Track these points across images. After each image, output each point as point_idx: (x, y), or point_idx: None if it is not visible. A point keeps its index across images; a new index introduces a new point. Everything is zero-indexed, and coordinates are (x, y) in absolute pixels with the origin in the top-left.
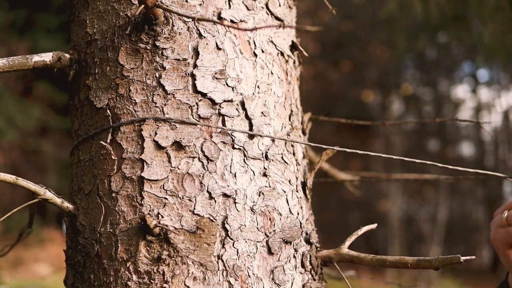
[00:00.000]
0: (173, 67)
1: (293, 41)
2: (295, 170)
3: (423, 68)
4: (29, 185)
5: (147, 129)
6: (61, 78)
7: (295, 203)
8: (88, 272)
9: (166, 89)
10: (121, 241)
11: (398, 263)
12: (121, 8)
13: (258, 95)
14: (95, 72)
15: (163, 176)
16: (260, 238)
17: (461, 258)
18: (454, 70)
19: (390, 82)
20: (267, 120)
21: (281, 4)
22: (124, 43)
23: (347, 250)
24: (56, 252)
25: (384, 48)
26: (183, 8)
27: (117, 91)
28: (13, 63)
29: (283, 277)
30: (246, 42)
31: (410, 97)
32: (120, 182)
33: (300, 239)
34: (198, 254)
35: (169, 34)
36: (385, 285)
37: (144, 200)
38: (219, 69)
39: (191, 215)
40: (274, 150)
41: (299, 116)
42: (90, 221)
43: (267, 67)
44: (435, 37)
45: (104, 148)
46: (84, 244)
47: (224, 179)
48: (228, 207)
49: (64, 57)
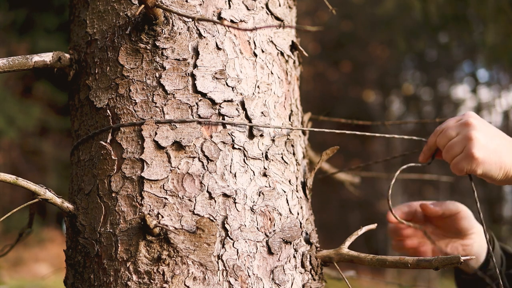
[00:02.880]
0: (173, 67)
1: (293, 41)
2: (295, 170)
3: (423, 68)
4: (29, 185)
5: (147, 129)
6: (61, 78)
7: (295, 203)
8: (88, 272)
9: (166, 89)
10: (121, 241)
11: (398, 263)
12: (121, 8)
13: (258, 95)
14: (95, 72)
15: (163, 176)
16: (260, 238)
17: (461, 258)
18: (454, 70)
19: (390, 82)
20: (267, 120)
21: (281, 4)
22: (124, 43)
23: (347, 250)
24: (56, 252)
25: (384, 48)
26: (183, 8)
27: (117, 91)
28: (13, 63)
29: (283, 277)
30: (246, 42)
31: (410, 97)
32: (120, 182)
33: (300, 239)
34: (198, 254)
35: (169, 34)
36: (385, 285)
37: (144, 200)
38: (219, 69)
39: (191, 215)
40: (274, 150)
41: (299, 116)
42: (90, 221)
43: (267, 67)
44: (435, 38)
45: (104, 148)
46: (84, 244)
47: (224, 179)
48: (228, 207)
49: (64, 57)
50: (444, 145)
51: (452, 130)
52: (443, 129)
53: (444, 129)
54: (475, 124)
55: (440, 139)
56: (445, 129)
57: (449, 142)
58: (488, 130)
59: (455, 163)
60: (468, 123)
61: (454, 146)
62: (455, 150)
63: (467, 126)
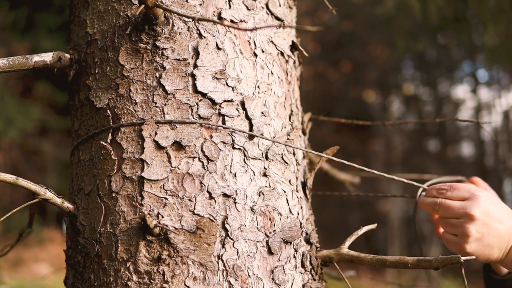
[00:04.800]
0: (173, 67)
1: (293, 41)
2: (295, 170)
3: (423, 68)
4: (29, 185)
5: (147, 129)
6: (61, 78)
7: (295, 203)
8: (88, 272)
9: (166, 89)
10: (121, 241)
11: (398, 263)
12: (121, 8)
13: (258, 95)
14: (95, 72)
15: (163, 176)
16: (260, 238)
17: (461, 258)
18: (454, 70)
19: (390, 82)
20: (267, 120)
21: (281, 4)
22: (124, 43)
23: (347, 250)
24: (56, 252)
25: (384, 48)
26: (183, 8)
27: (117, 91)
28: (13, 63)
29: (283, 277)
30: (246, 42)
31: (410, 97)
32: (120, 182)
33: (300, 239)
34: (198, 254)
35: (169, 34)
36: (385, 285)
37: (144, 200)
38: (219, 69)
39: (191, 215)
40: (274, 150)
41: (299, 116)
42: (90, 221)
43: (267, 67)
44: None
45: (104, 148)
46: (84, 244)
47: (224, 179)
48: (228, 207)
49: (64, 57)
50: (442, 216)
51: (455, 211)
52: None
53: (449, 206)
54: (478, 218)
55: (441, 212)
56: (449, 207)
57: (447, 219)
58: (490, 222)
59: (446, 238)
60: (471, 216)
61: (451, 226)
62: (450, 229)
63: (470, 219)
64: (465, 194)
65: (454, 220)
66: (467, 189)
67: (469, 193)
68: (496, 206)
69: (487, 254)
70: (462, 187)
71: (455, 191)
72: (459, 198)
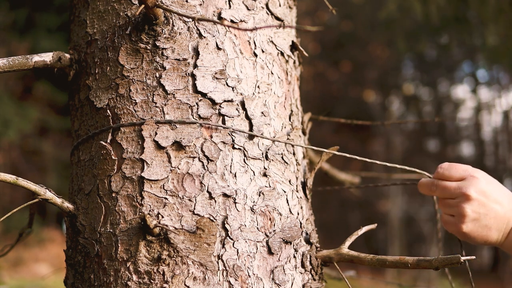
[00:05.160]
0: (173, 67)
1: (293, 41)
2: (295, 170)
3: (423, 68)
4: (29, 185)
5: (147, 129)
6: (61, 78)
7: (295, 203)
8: (88, 272)
9: (166, 89)
10: (121, 241)
11: (398, 263)
12: (121, 8)
13: (258, 95)
14: (95, 72)
15: (163, 176)
16: (260, 238)
17: (461, 258)
18: (454, 70)
19: (390, 82)
20: (267, 120)
21: (281, 4)
22: (124, 43)
23: (347, 250)
24: (56, 252)
25: (384, 48)
26: (183, 8)
27: (117, 91)
28: (13, 63)
29: (283, 277)
30: (246, 42)
31: (410, 97)
32: (120, 182)
33: (300, 239)
34: (198, 254)
35: (169, 34)
36: (385, 285)
37: (144, 200)
38: (219, 69)
39: (191, 215)
40: (274, 150)
41: (299, 116)
42: (90, 221)
43: (267, 67)
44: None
45: (104, 148)
46: (84, 244)
47: (224, 179)
48: (228, 207)
49: (64, 57)
50: (440, 197)
51: (451, 191)
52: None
53: (445, 186)
54: (474, 198)
55: (438, 192)
56: (446, 187)
57: (445, 200)
58: (486, 202)
59: (444, 220)
60: (467, 196)
61: (448, 207)
62: (447, 210)
63: (465, 199)
64: (463, 174)
65: (451, 201)
66: (465, 169)
67: (466, 173)
68: (494, 187)
69: (485, 236)
70: (459, 167)
71: (453, 170)
72: (456, 178)
